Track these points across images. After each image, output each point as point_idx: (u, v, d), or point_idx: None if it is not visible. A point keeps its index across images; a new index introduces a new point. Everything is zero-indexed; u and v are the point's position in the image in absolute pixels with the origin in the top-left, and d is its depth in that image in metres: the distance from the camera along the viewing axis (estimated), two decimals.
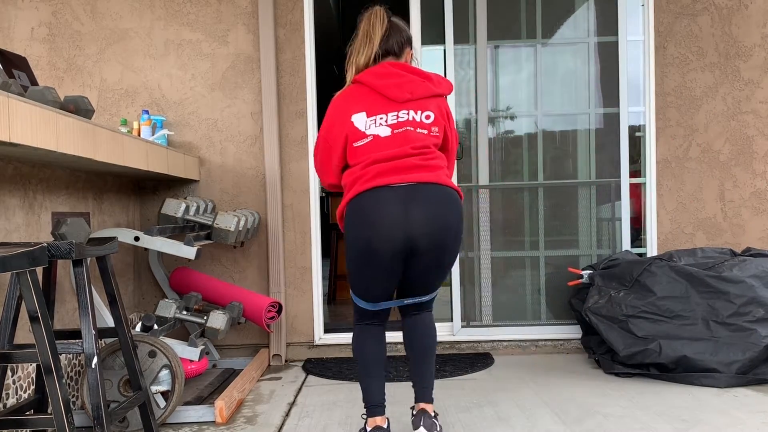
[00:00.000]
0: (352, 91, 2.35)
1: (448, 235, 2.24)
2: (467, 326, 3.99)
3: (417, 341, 2.45)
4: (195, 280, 3.58)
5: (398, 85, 2.28)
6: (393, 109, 2.28)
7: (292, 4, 3.87)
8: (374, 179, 2.23)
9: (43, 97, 2.19)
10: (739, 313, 3.15)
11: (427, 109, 2.30)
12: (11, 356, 1.93)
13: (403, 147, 2.24)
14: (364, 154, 2.27)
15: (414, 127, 2.27)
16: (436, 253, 2.25)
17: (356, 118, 2.29)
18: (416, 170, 2.23)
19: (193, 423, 2.82)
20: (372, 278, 2.30)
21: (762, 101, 3.93)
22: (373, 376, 2.39)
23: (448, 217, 2.23)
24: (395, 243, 2.20)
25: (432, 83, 2.33)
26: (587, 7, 4.04)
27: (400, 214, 2.19)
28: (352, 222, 2.27)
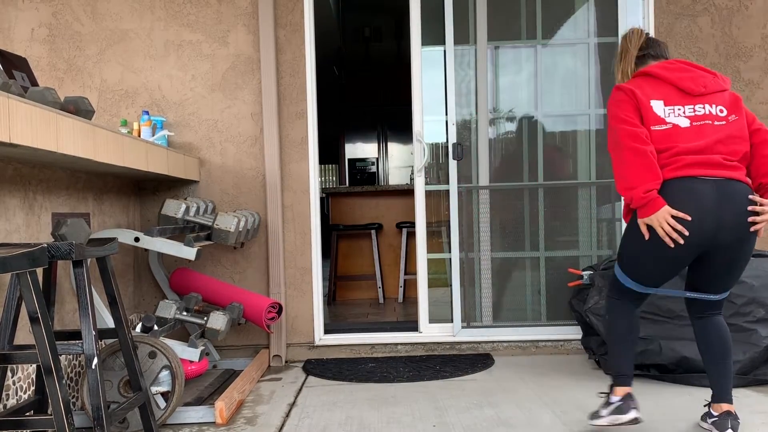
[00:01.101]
0: (645, 81, 2.44)
1: (748, 232, 2.31)
2: (467, 327, 3.99)
3: (713, 345, 2.49)
4: (195, 280, 3.58)
5: (692, 78, 2.39)
6: (689, 102, 2.37)
7: (292, 5, 3.88)
8: (684, 169, 2.29)
9: (43, 98, 2.19)
10: (739, 313, 3.14)
11: (719, 103, 2.38)
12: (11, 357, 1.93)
13: (707, 140, 2.31)
14: (665, 141, 2.33)
15: (712, 121, 2.34)
16: (739, 249, 2.33)
17: (654, 103, 2.37)
18: (724, 167, 2.30)
19: (193, 424, 2.82)
20: (660, 265, 2.38)
21: (762, 102, 3.93)
22: (626, 348, 2.51)
23: (749, 214, 2.29)
24: (702, 234, 2.27)
25: (719, 78, 2.43)
26: (587, 8, 4.04)
27: (713, 207, 2.26)
28: None
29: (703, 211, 2.27)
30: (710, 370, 2.49)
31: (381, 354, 3.93)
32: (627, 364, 2.50)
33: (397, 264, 5.94)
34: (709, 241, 2.30)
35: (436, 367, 3.63)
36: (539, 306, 4.04)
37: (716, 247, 2.32)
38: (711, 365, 2.49)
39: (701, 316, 2.52)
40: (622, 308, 2.53)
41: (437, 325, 4.02)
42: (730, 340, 2.49)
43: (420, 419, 2.78)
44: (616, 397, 2.46)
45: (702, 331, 2.51)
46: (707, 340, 2.50)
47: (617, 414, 2.43)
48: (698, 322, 2.53)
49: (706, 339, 2.50)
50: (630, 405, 2.43)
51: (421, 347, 3.94)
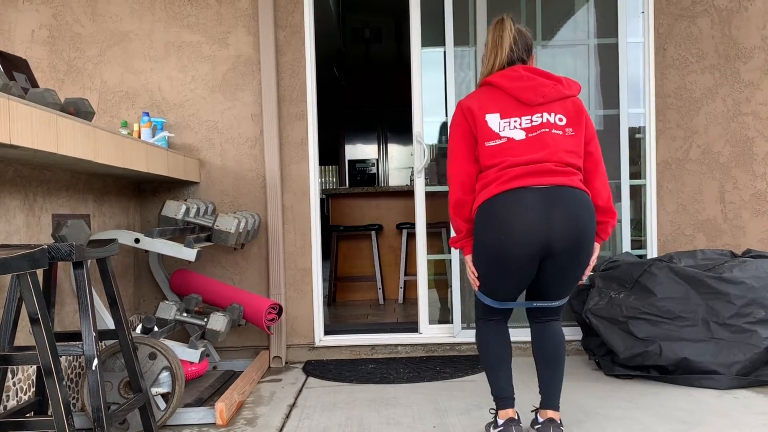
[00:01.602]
0: (484, 93, 2.40)
1: (585, 239, 2.27)
2: (467, 328, 3.98)
3: (546, 350, 2.48)
4: (195, 282, 3.58)
5: (530, 88, 2.33)
6: (526, 112, 2.32)
7: (292, 6, 3.88)
8: (512, 181, 2.26)
9: (43, 99, 2.19)
10: (739, 314, 3.15)
11: (559, 111, 2.34)
12: (11, 358, 1.93)
13: (539, 152, 2.27)
14: (498, 156, 2.30)
15: (549, 129, 2.31)
16: (573, 256, 2.28)
17: (490, 117, 2.33)
18: (553, 174, 2.26)
19: (193, 425, 2.82)
20: (504, 279, 2.34)
21: (762, 103, 3.93)
22: (500, 369, 2.45)
23: (585, 220, 2.27)
24: (534, 245, 2.24)
25: (563, 85, 2.38)
26: (587, 9, 4.04)
27: (541, 217, 2.23)
28: (484, 224, 2.31)
29: (531, 222, 2.23)
30: (542, 375, 2.48)
31: (381, 355, 3.94)
32: (506, 385, 2.44)
33: (397, 265, 5.94)
34: (542, 251, 2.26)
35: (436, 368, 3.63)
36: None
37: (550, 256, 2.27)
38: (543, 370, 2.47)
39: (538, 321, 2.50)
40: (489, 328, 2.48)
41: (437, 326, 4.02)
42: (563, 347, 2.49)
43: (420, 420, 2.79)
44: (501, 420, 2.41)
45: (538, 336, 2.50)
46: (542, 345, 2.48)
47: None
48: (535, 326, 2.51)
49: (541, 344, 2.49)
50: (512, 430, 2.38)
51: (421, 348, 3.94)
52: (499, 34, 2.44)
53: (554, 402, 2.46)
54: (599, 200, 2.37)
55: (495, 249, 2.28)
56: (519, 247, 2.24)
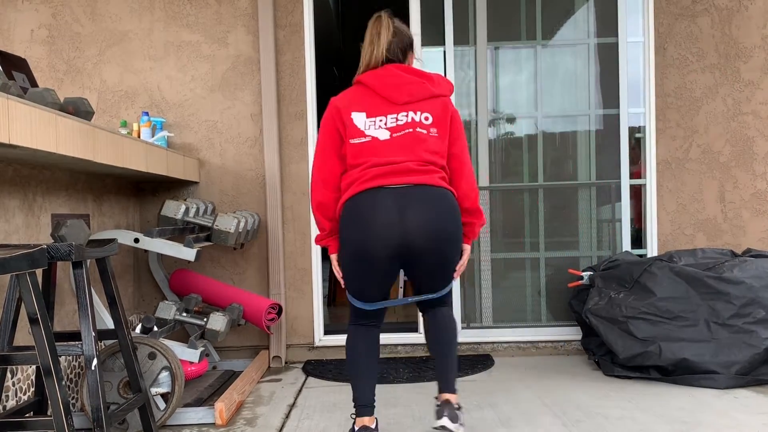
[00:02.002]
0: (353, 91, 2.40)
1: (442, 235, 2.26)
2: (467, 328, 3.98)
3: (435, 336, 2.47)
4: (195, 281, 3.58)
5: (397, 86, 2.32)
6: (392, 111, 2.31)
7: (291, 5, 3.87)
8: (370, 181, 2.26)
9: (42, 99, 2.19)
10: (739, 314, 3.14)
11: (426, 110, 2.32)
12: (11, 358, 1.93)
13: (402, 151, 2.27)
14: (362, 155, 2.30)
15: (413, 128, 2.29)
16: (433, 253, 2.27)
17: (356, 116, 2.33)
18: (412, 173, 2.25)
19: (193, 425, 2.81)
20: (367, 279, 2.33)
21: (762, 102, 3.93)
22: (363, 376, 2.40)
23: (442, 216, 2.25)
24: (389, 244, 2.24)
25: (432, 84, 2.35)
26: (587, 9, 4.04)
27: (395, 216, 2.23)
28: (346, 222, 2.30)
29: (385, 222, 2.23)
30: (437, 361, 2.47)
31: (381, 355, 3.93)
32: (368, 392, 2.38)
33: None
34: (401, 249, 2.25)
35: None
36: (539, 307, 4.04)
37: (414, 254, 2.27)
38: (437, 357, 2.46)
39: (426, 311, 2.49)
40: (359, 332, 2.46)
41: None
42: (455, 331, 2.47)
43: (420, 420, 2.78)
44: (357, 426, 2.36)
45: (429, 323, 2.49)
46: (433, 331, 2.47)
47: None
48: (426, 315, 2.51)
49: (433, 330, 2.47)
50: None
51: (421, 348, 3.94)
52: (376, 31, 2.41)
53: (450, 386, 2.43)
54: (466, 202, 2.36)
55: (355, 248, 2.28)
56: (377, 246, 2.24)
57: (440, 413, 2.36)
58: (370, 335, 2.45)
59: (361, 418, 2.36)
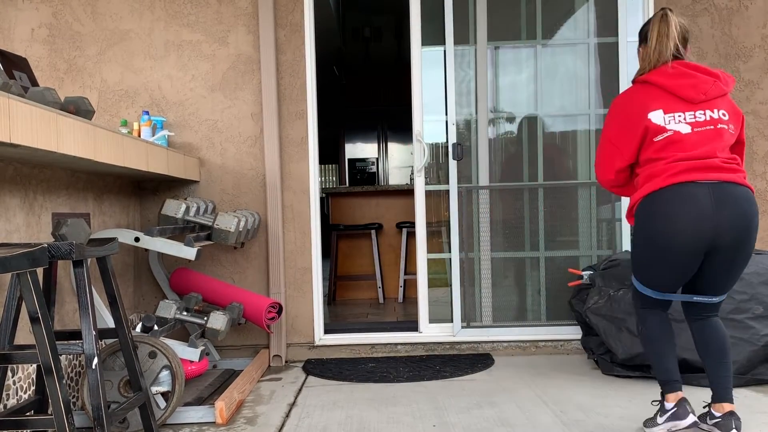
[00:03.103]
0: (644, 90, 2.45)
1: (750, 235, 2.33)
2: (467, 327, 3.99)
3: (712, 346, 2.49)
4: (195, 280, 3.58)
5: (693, 86, 2.38)
6: (689, 108, 2.38)
7: (292, 5, 3.88)
8: (680, 175, 2.32)
9: (43, 98, 2.19)
10: (738, 309, 3.14)
11: (722, 107, 2.39)
12: (11, 357, 1.93)
13: (706, 146, 2.33)
14: (665, 149, 2.36)
15: (714, 125, 2.36)
16: (737, 251, 2.34)
17: (653, 115, 2.38)
18: (721, 170, 2.32)
19: (193, 424, 2.82)
20: (667, 271, 2.39)
21: (762, 102, 3.93)
22: (668, 355, 2.49)
23: (751, 216, 2.32)
24: (701, 238, 2.30)
25: (722, 82, 2.41)
26: (587, 8, 4.04)
27: (709, 211, 2.29)
28: (652, 214, 2.36)
29: (700, 215, 2.29)
30: (711, 370, 2.49)
31: (381, 354, 3.94)
32: (673, 369, 2.48)
33: (397, 264, 5.94)
34: (708, 244, 2.32)
35: (436, 367, 3.63)
36: (539, 306, 4.04)
37: (716, 250, 2.33)
38: (711, 366, 2.49)
39: (698, 318, 2.52)
40: (651, 316, 2.53)
41: (437, 325, 4.02)
42: (728, 340, 2.50)
43: (420, 419, 2.79)
44: (670, 403, 2.44)
45: (700, 333, 2.52)
46: (706, 342, 2.50)
47: (674, 420, 2.42)
48: (695, 324, 2.53)
49: (706, 341, 2.50)
50: (687, 410, 2.41)
51: (421, 347, 3.94)
52: (665, 30, 2.46)
53: (728, 394, 2.46)
54: None
55: (665, 241, 2.33)
56: (685, 240, 2.30)
57: (728, 426, 2.38)
58: (663, 317, 2.53)
59: (675, 393, 2.45)
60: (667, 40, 2.44)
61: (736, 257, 2.36)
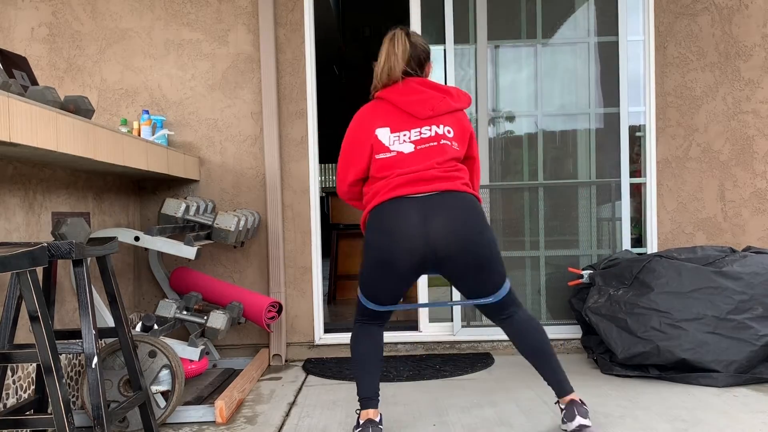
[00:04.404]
0: (376, 107, 2.48)
1: (471, 237, 2.29)
2: (467, 326, 3.99)
3: (526, 341, 2.47)
4: (195, 280, 3.58)
5: (421, 101, 2.40)
6: (416, 125, 2.40)
7: (292, 3, 3.87)
8: (395, 190, 2.34)
9: (43, 97, 2.19)
10: (738, 309, 3.14)
11: (448, 124, 2.41)
12: (11, 356, 1.93)
13: (426, 160, 2.35)
14: (387, 168, 2.38)
15: (437, 141, 2.38)
16: (466, 255, 2.30)
17: (380, 132, 2.41)
18: (435, 181, 2.33)
19: (193, 423, 2.82)
20: (384, 284, 2.39)
21: (762, 101, 3.93)
22: (367, 371, 2.48)
23: (467, 219, 2.30)
24: (413, 252, 2.30)
25: (452, 98, 2.44)
26: (587, 7, 4.04)
27: (419, 224, 2.29)
28: (371, 229, 2.38)
29: (410, 230, 2.28)
30: (538, 367, 2.48)
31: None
32: (372, 386, 2.47)
33: None
34: (425, 257, 2.30)
35: (436, 366, 3.63)
36: (539, 305, 4.04)
37: (441, 261, 2.31)
38: (536, 362, 2.47)
39: (501, 317, 2.49)
40: (365, 330, 2.52)
41: (437, 324, 4.02)
42: (540, 331, 2.46)
43: (420, 418, 2.79)
44: (361, 420, 2.43)
45: (509, 331, 2.49)
46: (519, 339, 2.48)
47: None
48: (503, 325, 2.51)
49: (518, 338, 2.48)
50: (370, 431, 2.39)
51: (421, 346, 3.94)
52: (392, 49, 2.45)
53: (566, 386, 2.46)
54: None
55: (379, 255, 2.34)
56: (400, 255, 2.30)
57: (572, 415, 2.40)
58: (376, 333, 2.53)
59: (366, 410, 2.43)
60: (395, 61, 2.44)
61: (469, 262, 2.31)
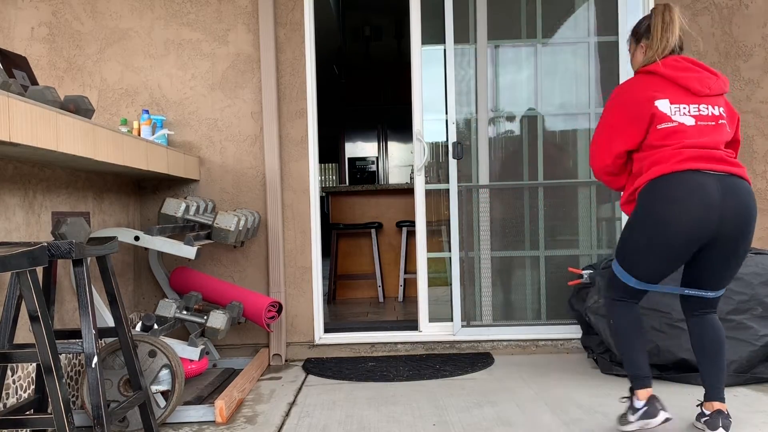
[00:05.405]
0: (650, 79, 2.47)
1: (750, 228, 2.36)
2: (467, 326, 3.99)
3: (706, 343, 2.49)
4: (195, 279, 3.58)
5: (699, 79, 2.41)
6: (693, 101, 2.41)
7: (292, 3, 3.87)
8: (688, 162, 2.33)
9: (43, 97, 2.19)
10: (738, 309, 3.14)
11: (721, 105, 2.44)
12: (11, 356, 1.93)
13: (710, 138, 2.36)
14: (670, 137, 2.37)
15: (716, 120, 2.39)
16: (738, 243, 2.36)
17: (660, 103, 2.40)
18: (726, 162, 2.35)
19: (193, 423, 2.82)
20: (661, 259, 2.38)
21: (762, 101, 3.93)
22: (639, 349, 2.48)
23: (753, 210, 2.35)
24: (705, 227, 2.31)
25: (722, 81, 2.46)
26: (587, 7, 4.04)
27: (716, 200, 2.30)
28: (656, 198, 2.36)
29: (706, 205, 2.30)
30: (704, 368, 2.50)
31: (381, 353, 3.94)
32: (643, 364, 2.47)
33: (397, 263, 5.94)
34: (709, 235, 2.33)
35: (436, 366, 3.63)
36: (539, 305, 4.04)
37: (715, 242, 2.35)
38: (704, 363, 2.49)
39: (696, 314, 2.53)
40: (624, 308, 2.51)
41: (437, 324, 4.02)
42: (724, 338, 2.50)
43: (420, 418, 2.79)
44: (641, 401, 2.43)
45: (696, 328, 2.52)
46: (702, 339, 2.50)
47: (646, 419, 2.41)
48: (693, 320, 2.54)
49: (701, 337, 2.51)
50: (657, 407, 2.40)
51: (421, 346, 3.94)
52: (669, 19, 2.47)
53: (719, 393, 2.47)
54: None
55: (664, 225, 2.33)
56: (691, 226, 2.31)
57: (715, 424, 2.39)
58: (635, 310, 2.52)
59: (645, 389, 2.43)
60: (673, 31, 2.46)
61: (737, 249, 2.37)
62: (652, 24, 2.49)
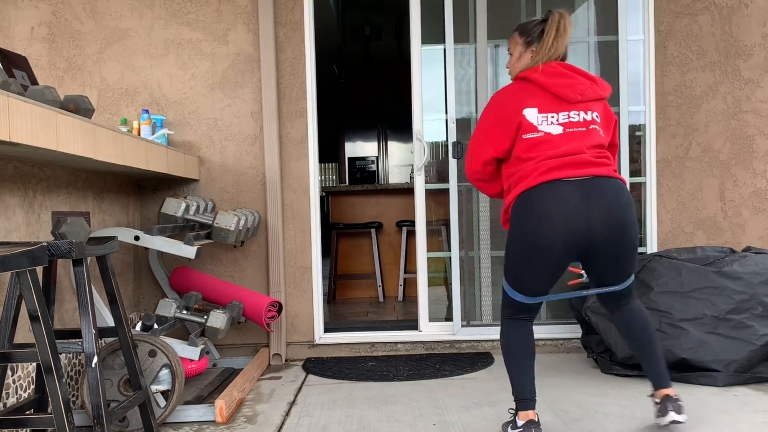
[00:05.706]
0: (521, 87, 2.45)
1: (627, 223, 2.33)
2: (467, 326, 3.99)
3: (635, 331, 2.50)
4: (195, 279, 3.58)
5: (570, 85, 2.38)
6: (564, 108, 2.38)
7: (292, 3, 3.87)
8: (549, 173, 2.31)
9: (43, 97, 2.19)
10: (738, 309, 3.14)
11: (595, 110, 2.41)
12: (11, 355, 1.93)
13: (577, 144, 2.34)
14: (534, 149, 2.35)
15: (587, 126, 2.37)
16: (619, 239, 2.33)
17: (528, 112, 2.38)
18: (589, 166, 2.33)
19: (193, 422, 2.82)
20: (537, 270, 2.36)
21: (762, 100, 3.93)
22: (522, 370, 2.43)
23: (623, 206, 2.33)
24: (573, 232, 2.29)
25: (598, 86, 2.43)
26: (587, 7, 4.03)
27: (580, 207, 2.29)
28: (523, 214, 2.35)
29: (568, 212, 2.28)
30: (642, 358, 2.50)
31: (381, 353, 3.94)
32: (528, 387, 2.41)
33: (397, 263, 5.94)
34: (582, 240, 2.30)
35: (436, 365, 3.63)
36: None
37: (595, 243, 2.32)
38: (641, 353, 2.49)
39: (616, 307, 2.52)
40: (515, 326, 2.46)
41: (437, 323, 4.02)
42: (651, 323, 2.49)
43: (420, 418, 2.79)
44: (521, 421, 2.38)
45: (622, 321, 2.52)
46: (630, 329, 2.50)
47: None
48: (616, 314, 2.53)
49: (630, 328, 2.50)
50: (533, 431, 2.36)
51: (421, 346, 3.94)
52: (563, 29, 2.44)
53: (664, 380, 2.47)
54: None
55: (535, 240, 2.31)
56: (560, 238, 2.28)
57: (664, 409, 2.39)
58: (526, 328, 2.47)
59: (526, 412, 2.39)
60: (564, 40, 2.44)
61: (620, 245, 2.34)
62: (546, 30, 2.44)
